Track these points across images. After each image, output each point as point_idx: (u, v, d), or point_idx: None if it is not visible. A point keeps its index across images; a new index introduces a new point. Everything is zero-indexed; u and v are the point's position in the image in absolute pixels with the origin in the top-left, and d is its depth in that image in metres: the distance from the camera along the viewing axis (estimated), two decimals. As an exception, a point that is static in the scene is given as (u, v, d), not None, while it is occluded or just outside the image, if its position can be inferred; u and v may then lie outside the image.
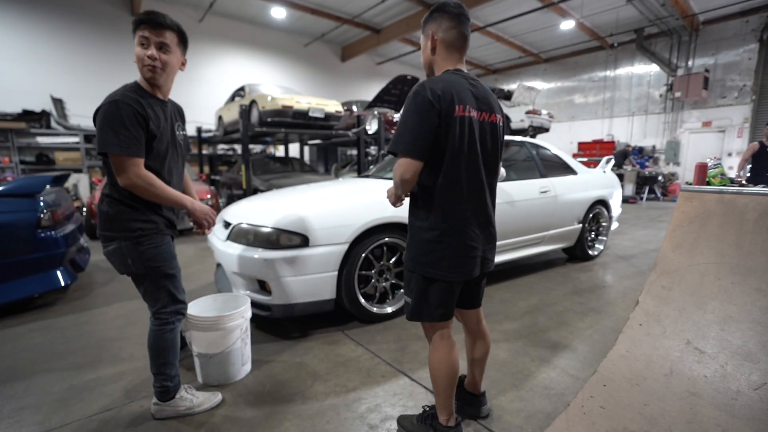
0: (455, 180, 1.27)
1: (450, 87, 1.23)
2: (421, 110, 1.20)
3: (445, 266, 1.30)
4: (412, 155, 1.22)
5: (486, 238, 1.38)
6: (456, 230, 1.29)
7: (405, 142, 1.22)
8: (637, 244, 5.00)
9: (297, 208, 2.52)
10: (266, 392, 1.86)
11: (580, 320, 2.65)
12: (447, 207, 1.29)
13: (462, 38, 1.32)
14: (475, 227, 1.33)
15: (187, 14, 10.02)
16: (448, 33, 1.30)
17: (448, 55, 1.33)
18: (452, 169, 1.26)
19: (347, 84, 13.61)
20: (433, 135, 1.21)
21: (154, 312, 1.62)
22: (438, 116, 1.20)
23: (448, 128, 1.22)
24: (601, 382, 1.71)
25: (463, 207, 1.30)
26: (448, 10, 1.30)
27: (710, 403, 1.52)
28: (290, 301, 2.32)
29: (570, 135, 13.86)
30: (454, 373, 1.38)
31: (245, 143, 5.52)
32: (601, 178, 4.32)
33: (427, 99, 1.19)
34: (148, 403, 1.76)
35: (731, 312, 1.71)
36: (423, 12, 10.00)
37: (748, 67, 10.13)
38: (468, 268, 1.33)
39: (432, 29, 1.33)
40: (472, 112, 1.26)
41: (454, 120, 1.22)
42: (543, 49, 13.40)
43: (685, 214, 1.98)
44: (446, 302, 1.35)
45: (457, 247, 1.30)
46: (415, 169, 1.23)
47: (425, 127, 1.20)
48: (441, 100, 1.20)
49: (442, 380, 1.38)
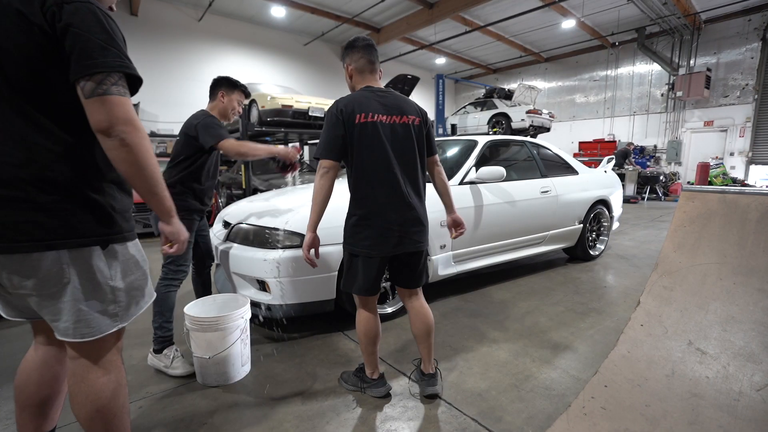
0: (364, 173, 1.59)
1: (352, 102, 1.58)
2: (330, 123, 1.58)
3: (366, 245, 1.60)
4: (327, 156, 1.57)
5: (405, 220, 1.62)
6: (372, 214, 1.59)
7: (321, 148, 1.59)
8: (638, 244, 4.98)
9: (297, 207, 2.51)
10: (266, 392, 1.85)
11: (581, 320, 2.64)
12: (361, 195, 1.61)
13: (369, 64, 1.68)
14: (390, 211, 1.59)
15: (186, 13, 10.01)
16: (358, 62, 1.67)
17: (362, 78, 1.69)
18: (360, 164, 1.58)
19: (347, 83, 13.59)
20: (340, 139, 1.56)
21: (164, 264, 2.06)
22: (343, 125, 1.55)
23: (351, 133, 1.56)
24: (602, 383, 1.70)
25: (374, 194, 1.59)
26: (356, 45, 1.67)
27: (712, 404, 1.51)
28: (290, 301, 2.31)
29: (571, 134, 13.84)
30: (371, 335, 1.72)
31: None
32: (602, 177, 4.31)
33: (333, 114, 1.57)
34: (148, 403, 1.76)
35: (733, 312, 1.70)
36: (423, 11, 10.00)
37: (750, 66, 10.10)
38: (386, 245, 1.60)
39: (347, 62, 1.70)
40: (377, 117, 1.58)
41: (356, 126, 1.55)
42: (544, 48, 13.37)
43: (686, 214, 1.97)
44: (367, 277, 1.63)
45: (373, 228, 1.59)
46: (331, 165, 1.57)
47: (333, 134, 1.56)
48: (343, 113, 1.55)
49: (363, 339, 1.73)
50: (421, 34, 11.82)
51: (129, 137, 0.94)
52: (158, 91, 9.58)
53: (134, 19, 9.26)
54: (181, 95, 9.90)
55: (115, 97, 0.92)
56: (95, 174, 1.01)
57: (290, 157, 2.29)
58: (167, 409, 1.73)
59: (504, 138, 3.75)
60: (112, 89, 0.92)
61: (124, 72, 0.95)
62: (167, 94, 9.73)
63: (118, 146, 0.94)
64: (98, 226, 1.00)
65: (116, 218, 1.04)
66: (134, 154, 0.96)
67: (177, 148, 2.18)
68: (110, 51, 0.92)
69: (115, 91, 0.92)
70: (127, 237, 1.08)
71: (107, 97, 0.91)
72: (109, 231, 1.02)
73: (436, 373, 1.82)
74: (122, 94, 0.94)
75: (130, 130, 0.94)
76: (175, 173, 2.12)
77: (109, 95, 0.91)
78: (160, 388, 1.89)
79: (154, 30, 9.54)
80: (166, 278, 2.07)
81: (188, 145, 2.12)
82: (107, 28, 0.93)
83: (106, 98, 0.91)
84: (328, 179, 1.58)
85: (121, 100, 0.93)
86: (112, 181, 1.05)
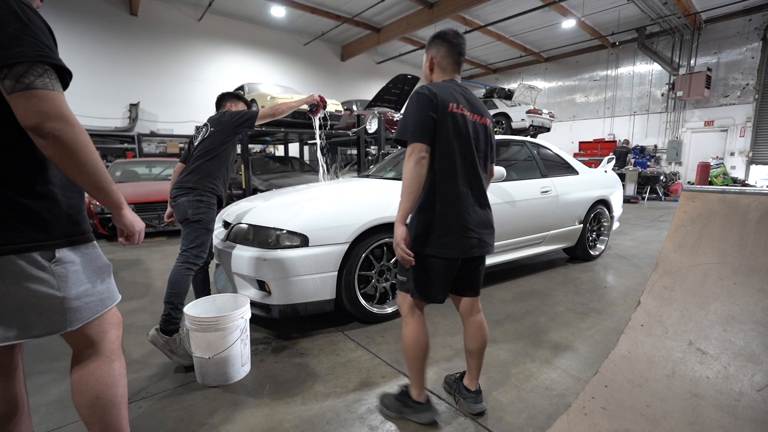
0: (450, 166, 1.43)
1: (443, 89, 1.45)
2: (421, 102, 1.40)
3: (443, 243, 1.43)
4: (420, 139, 1.38)
5: (481, 221, 1.50)
6: (453, 211, 1.43)
7: (411, 130, 1.39)
8: (638, 244, 4.98)
9: (297, 207, 2.51)
10: (266, 393, 1.85)
11: (582, 320, 2.63)
12: (444, 190, 1.44)
13: (456, 64, 1.56)
14: (469, 209, 1.46)
15: (186, 13, 10.01)
16: (444, 59, 1.54)
17: (443, 74, 1.57)
18: (447, 155, 1.43)
19: (347, 83, 13.60)
20: (432, 122, 1.39)
21: (186, 249, 2.17)
22: (435, 109, 1.39)
23: (443, 120, 1.41)
24: (602, 383, 1.70)
25: (459, 190, 1.44)
26: (446, 39, 1.53)
27: (712, 405, 1.51)
28: (290, 302, 2.31)
29: (571, 134, 13.84)
30: (421, 348, 1.52)
31: (245, 143, 5.51)
32: (603, 177, 4.31)
33: (425, 95, 1.40)
34: (148, 403, 1.76)
35: (734, 312, 1.70)
36: (423, 11, 9.99)
37: (750, 65, 10.10)
38: (463, 246, 1.45)
39: (432, 53, 1.57)
40: (464, 110, 1.46)
41: (448, 114, 1.41)
42: (544, 48, 13.37)
43: (687, 214, 1.97)
44: (441, 281, 1.48)
45: (452, 226, 1.43)
46: (426, 149, 1.38)
47: (425, 114, 1.39)
48: (437, 97, 1.40)
49: (411, 353, 1.53)
50: (421, 34, 11.83)
51: (63, 134, 0.86)
52: (158, 91, 9.58)
53: (134, 19, 9.26)
54: (181, 95, 9.90)
55: (40, 91, 0.84)
56: (31, 175, 0.94)
57: (313, 99, 2.66)
58: (167, 409, 1.72)
59: (504, 138, 3.74)
60: (36, 83, 0.84)
61: (48, 63, 0.86)
62: (167, 94, 9.73)
63: (52, 144, 0.86)
64: (34, 232, 0.93)
65: (56, 222, 0.96)
66: (71, 151, 0.88)
67: (208, 143, 2.34)
68: (25, 40, 0.84)
69: (40, 85, 0.84)
70: (75, 241, 1.00)
71: (32, 91, 0.83)
72: (47, 236, 0.95)
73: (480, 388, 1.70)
74: (49, 88, 0.86)
75: (63, 126, 0.86)
76: (208, 164, 2.31)
77: (34, 89, 0.83)
78: (160, 388, 1.89)
79: (154, 30, 9.54)
80: (187, 261, 2.15)
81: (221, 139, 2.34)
82: (21, 17, 0.85)
83: (30, 93, 0.83)
84: (425, 166, 1.38)
85: (48, 94, 0.85)
86: (51, 181, 0.97)
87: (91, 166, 0.93)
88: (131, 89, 9.22)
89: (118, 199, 1.05)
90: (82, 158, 0.91)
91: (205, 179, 2.27)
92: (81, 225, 1.03)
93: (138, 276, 3.81)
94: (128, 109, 9.29)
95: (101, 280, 1.08)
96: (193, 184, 2.25)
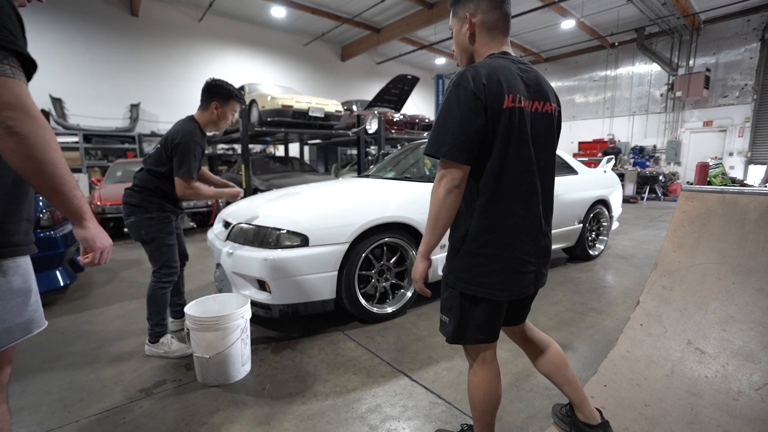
0: (502, 182, 1.08)
1: (496, 73, 1.03)
2: (464, 104, 1.01)
3: (492, 283, 1.11)
4: (457, 158, 1.02)
5: (539, 251, 1.17)
6: (504, 241, 1.10)
7: (448, 143, 1.01)
8: (637, 244, 4.99)
9: (297, 207, 2.51)
10: (266, 392, 1.85)
11: (581, 320, 2.64)
12: (492, 214, 1.09)
13: (505, 18, 1.13)
14: (525, 237, 1.13)
15: (186, 13, 10.01)
16: (489, 14, 1.10)
17: (491, 39, 1.12)
18: (500, 170, 1.07)
19: (347, 83, 13.60)
20: (479, 133, 1.02)
21: (155, 270, 2.17)
22: (484, 110, 1.01)
23: (496, 123, 1.03)
24: (601, 383, 1.71)
25: (511, 214, 1.10)
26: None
27: (711, 404, 1.51)
28: (290, 301, 2.31)
29: (571, 134, 13.84)
30: (493, 402, 1.23)
31: (245, 143, 5.51)
32: (602, 177, 4.31)
33: (470, 91, 1.01)
34: (148, 403, 1.76)
35: (732, 312, 1.70)
36: (423, 11, 9.99)
37: (749, 66, 10.11)
38: (519, 285, 1.14)
39: (468, 11, 1.12)
40: (523, 102, 1.07)
41: (503, 113, 1.03)
42: (543, 48, 13.38)
43: (686, 213, 1.98)
44: (491, 323, 1.17)
45: (506, 261, 1.11)
46: (463, 174, 1.04)
47: (470, 123, 1.01)
48: (487, 90, 1.01)
49: (480, 407, 1.23)
50: (421, 34, 11.83)
51: (18, 125, 0.77)
52: (159, 91, 9.59)
53: (135, 20, 9.27)
54: (181, 95, 9.89)
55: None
56: None
57: (237, 192, 2.39)
58: (168, 409, 1.73)
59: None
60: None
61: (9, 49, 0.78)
62: (167, 94, 9.73)
63: (4, 136, 0.77)
64: None
65: None
66: (27, 145, 0.78)
67: (155, 157, 2.15)
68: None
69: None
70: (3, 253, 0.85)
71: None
72: None
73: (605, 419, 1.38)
74: (8, 75, 0.77)
75: (20, 117, 0.77)
76: (154, 180, 2.15)
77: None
78: (160, 388, 1.89)
79: (154, 30, 9.54)
80: (160, 282, 2.18)
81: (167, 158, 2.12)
82: None
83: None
84: (458, 196, 1.06)
85: (5, 81, 0.76)
86: None
87: (49, 165, 0.81)
88: (132, 90, 9.23)
89: (80, 207, 0.90)
90: (39, 155, 0.80)
91: (152, 195, 2.14)
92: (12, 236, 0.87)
93: (138, 276, 3.81)
94: (129, 109, 9.29)
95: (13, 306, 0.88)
96: (137, 200, 2.13)
